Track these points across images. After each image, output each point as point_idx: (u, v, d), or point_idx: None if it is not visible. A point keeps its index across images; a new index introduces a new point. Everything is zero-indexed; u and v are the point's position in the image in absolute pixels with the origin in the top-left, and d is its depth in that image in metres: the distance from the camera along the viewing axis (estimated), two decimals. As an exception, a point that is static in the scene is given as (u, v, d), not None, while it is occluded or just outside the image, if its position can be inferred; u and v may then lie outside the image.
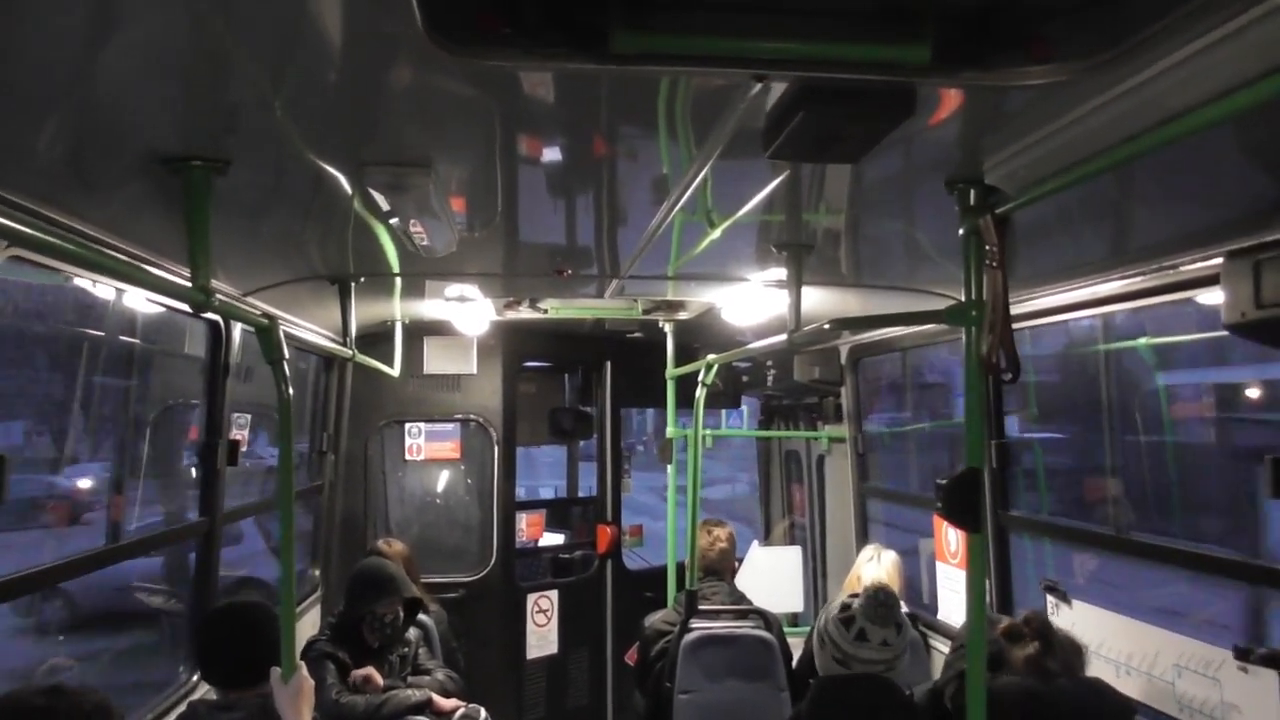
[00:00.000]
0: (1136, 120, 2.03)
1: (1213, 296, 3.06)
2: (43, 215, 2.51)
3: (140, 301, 3.76)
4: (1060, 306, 4.10)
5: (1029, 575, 5.35)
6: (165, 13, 1.70)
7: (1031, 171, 2.46)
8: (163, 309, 3.82)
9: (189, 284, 2.75)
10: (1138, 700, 3.85)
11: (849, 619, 3.15)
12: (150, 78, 2.00)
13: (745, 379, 8.60)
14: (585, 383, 8.73)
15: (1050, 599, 4.62)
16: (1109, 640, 4.13)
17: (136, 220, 2.90)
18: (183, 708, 3.38)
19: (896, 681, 3.15)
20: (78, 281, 3.27)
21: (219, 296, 2.91)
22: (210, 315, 3.94)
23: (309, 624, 5.86)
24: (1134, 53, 1.80)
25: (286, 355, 3.20)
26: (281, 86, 2.10)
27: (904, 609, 4.31)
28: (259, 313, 3.24)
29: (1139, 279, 3.47)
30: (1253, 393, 10.96)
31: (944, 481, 2.58)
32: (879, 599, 3.17)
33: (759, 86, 2.00)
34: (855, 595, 3.53)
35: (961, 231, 2.69)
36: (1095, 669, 3.79)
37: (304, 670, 3.20)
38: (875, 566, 5.46)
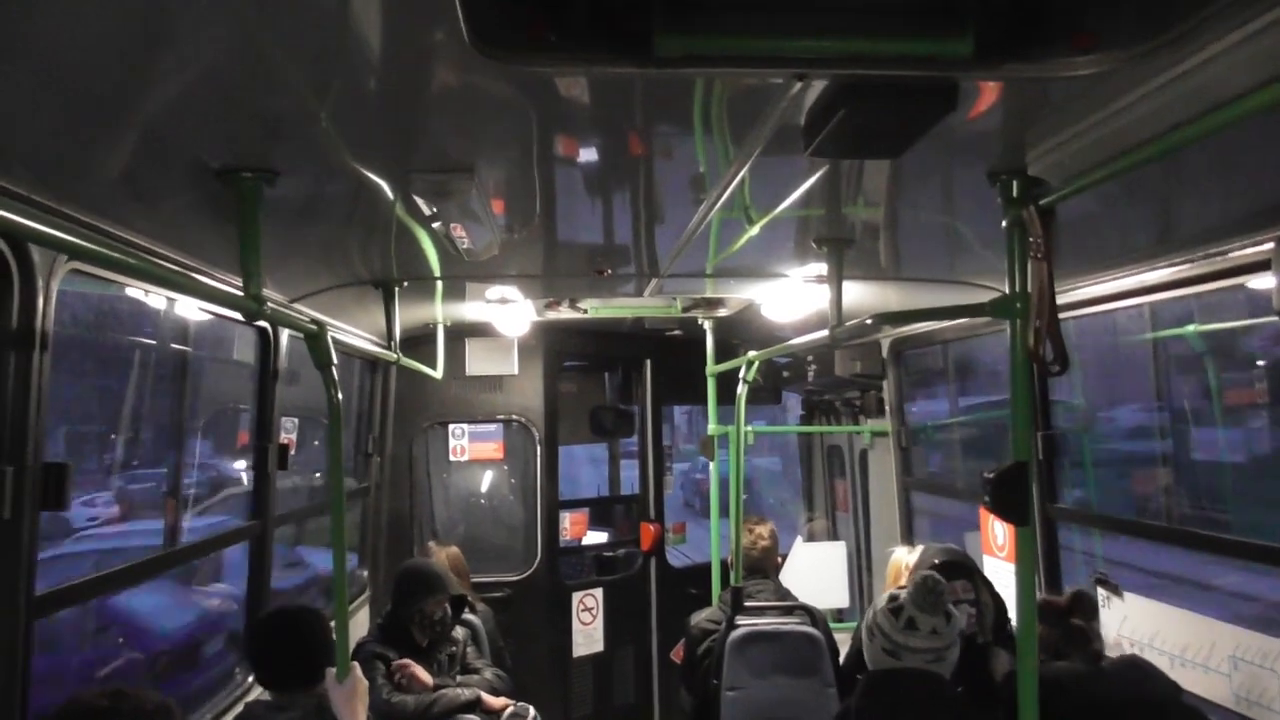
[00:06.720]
0: (1183, 108, 2.00)
1: (1263, 281, 3.02)
2: (99, 228, 2.57)
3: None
4: (1105, 296, 4.04)
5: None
6: (213, 27, 1.74)
7: (1076, 162, 2.43)
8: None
9: (240, 293, 2.80)
10: (1193, 693, 3.80)
11: (898, 609, 3.15)
12: (200, 91, 2.04)
13: (786, 374, 8.57)
14: (625, 381, 8.75)
15: (1102, 591, 4.57)
16: (1163, 632, 4.08)
17: (188, 231, 2.96)
18: (239, 709, 3.45)
19: (945, 672, 3.13)
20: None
21: (269, 304, 2.96)
22: (260, 323, 4.00)
23: (359, 624, 5.93)
24: (1180, 40, 1.77)
25: (335, 360, 3.25)
26: (328, 98, 2.13)
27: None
28: (307, 319, 3.30)
29: (1186, 266, 3.42)
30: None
31: (991, 475, 2.56)
32: (928, 586, 3.15)
33: (799, 85, 2.00)
34: (903, 587, 3.52)
35: (1004, 223, 2.67)
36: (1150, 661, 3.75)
37: (358, 671, 3.25)
38: (908, 555, 5.41)
